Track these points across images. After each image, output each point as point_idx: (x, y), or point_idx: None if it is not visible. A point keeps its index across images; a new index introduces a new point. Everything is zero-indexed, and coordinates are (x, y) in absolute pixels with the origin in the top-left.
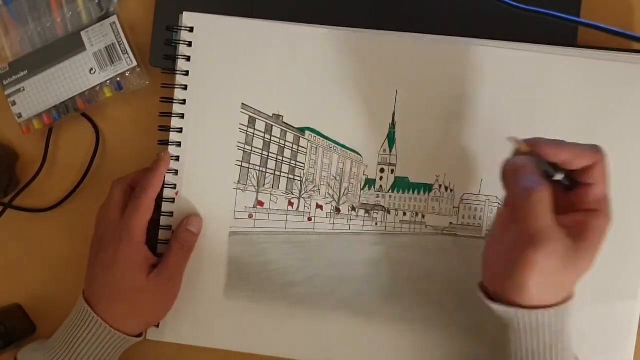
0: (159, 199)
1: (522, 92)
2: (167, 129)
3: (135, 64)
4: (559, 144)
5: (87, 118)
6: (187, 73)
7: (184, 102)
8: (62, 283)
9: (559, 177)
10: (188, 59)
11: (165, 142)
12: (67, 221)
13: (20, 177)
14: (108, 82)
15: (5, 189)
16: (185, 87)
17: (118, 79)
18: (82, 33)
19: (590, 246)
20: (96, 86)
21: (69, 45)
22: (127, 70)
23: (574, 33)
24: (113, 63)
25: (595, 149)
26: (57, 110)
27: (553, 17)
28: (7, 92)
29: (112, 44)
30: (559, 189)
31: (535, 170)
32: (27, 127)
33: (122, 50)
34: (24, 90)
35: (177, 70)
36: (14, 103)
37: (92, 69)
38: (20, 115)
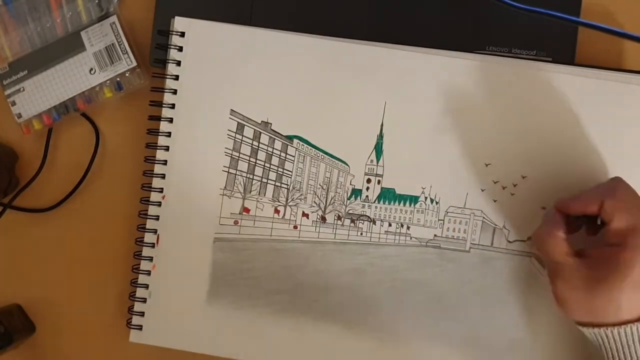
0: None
1: (512, 106)
2: (156, 132)
3: (135, 64)
4: (568, 203)
5: (86, 118)
6: (177, 77)
7: (173, 106)
8: (62, 283)
9: (598, 221)
10: (178, 63)
11: (154, 146)
12: (67, 221)
13: (20, 177)
14: (108, 82)
15: (5, 189)
16: (175, 92)
17: (118, 79)
18: (82, 33)
19: (613, 274)
20: (96, 86)
21: (69, 45)
22: (127, 71)
23: (572, 51)
24: (113, 63)
25: (599, 192)
26: (56, 111)
27: (553, 17)
28: (6, 92)
29: (112, 44)
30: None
31: (551, 217)
32: (26, 127)
33: (121, 51)
34: (23, 90)
35: (167, 75)
36: (13, 103)
37: (91, 69)
38: (20, 116)
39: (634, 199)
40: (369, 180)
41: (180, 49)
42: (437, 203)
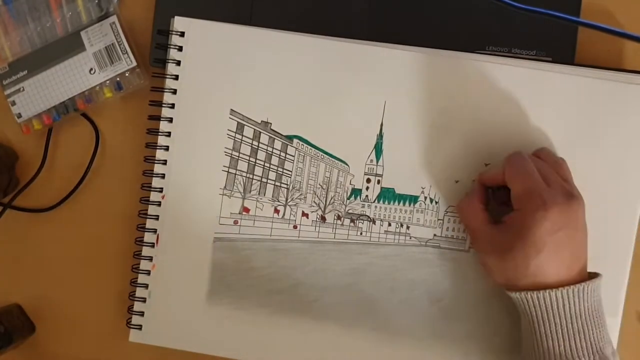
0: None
1: (512, 107)
2: (156, 132)
3: (134, 64)
4: (483, 173)
5: (86, 118)
6: (176, 77)
7: (172, 106)
8: (62, 283)
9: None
10: (178, 63)
11: (154, 145)
12: (67, 221)
13: (20, 177)
14: (108, 82)
15: (5, 189)
16: (174, 91)
17: (118, 79)
18: (82, 33)
19: (516, 238)
20: (96, 86)
21: (69, 45)
22: (127, 71)
23: (572, 51)
24: (113, 63)
25: (503, 162)
26: (56, 110)
27: (553, 17)
28: (6, 92)
29: (112, 44)
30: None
31: (472, 189)
32: (26, 127)
33: (121, 50)
34: (23, 90)
35: (166, 74)
36: (13, 103)
37: (91, 69)
38: (19, 115)
39: (527, 165)
40: (368, 180)
41: (180, 48)
42: (436, 203)
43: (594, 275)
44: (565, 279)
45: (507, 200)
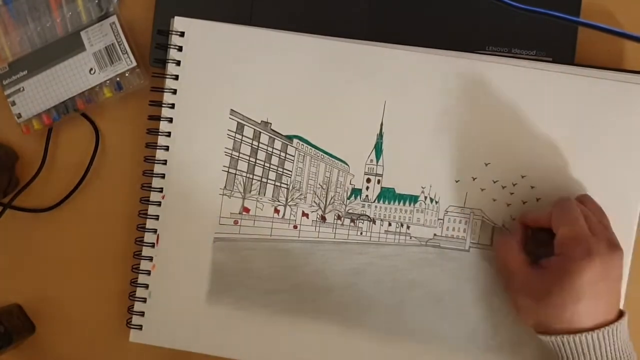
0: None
1: (512, 107)
2: (156, 132)
3: (134, 64)
4: (527, 212)
5: (86, 118)
6: (176, 77)
7: (172, 106)
8: (62, 283)
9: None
10: (178, 63)
11: (154, 145)
12: (67, 221)
13: (20, 177)
14: (108, 82)
15: (5, 189)
16: (174, 91)
17: (117, 79)
18: (82, 33)
19: (556, 284)
20: (96, 86)
21: (69, 45)
22: (127, 71)
23: (572, 51)
24: (112, 63)
25: (554, 203)
26: (56, 110)
27: (553, 17)
28: (6, 92)
29: (112, 44)
30: None
31: (510, 233)
32: (26, 127)
33: (121, 51)
34: (23, 90)
35: (166, 74)
36: (13, 103)
37: (91, 69)
38: (19, 116)
39: (575, 211)
40: (368, 180)
41: (180, 48)
42: (436, 202)
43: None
44: (600, 322)
45: (544, 243)
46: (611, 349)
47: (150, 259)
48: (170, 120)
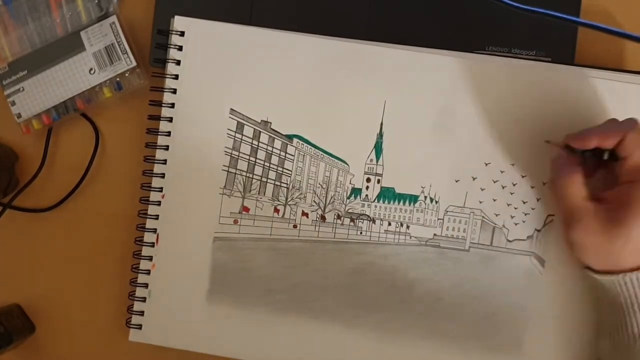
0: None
1: (512, 107)
2: (155, 131)
3: (134, 64)
4: (584, 133)
5: (86, 118)
6: (176, 77)
7: (172, 105)
8: (62, 283)
9: (604, 156)
10: (178, 63)
11: (154, 145)
12: (67, 221)
13: (20, 177)
14: (107, 82)
15: (5, 189)
16: (174, 91)
17: (117, 79)
18: (82, 33)
19: (631, 213)
20: (95, 86)
21: (69, 45)
22: (127, 71)
23: (572, 51)
24: (112, 63)
25: (621, 124)
26: (56, 110)
27: (553, 17)
28: (6, 92)
29: (112, 44)
30: (610, 167)
31: (565, 161)
32: (26, 127)
33: (121, 51)
34: (23, 90)
35: (166, 74)
36: (13, 103)
37: (91, 69)
38: (19, 115)
39: None
40: (368, 180)
41: (180, 48)
42: (436, 202)
43: None
44: None
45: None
46: None
47: (150, 258)
48: (170, 119)
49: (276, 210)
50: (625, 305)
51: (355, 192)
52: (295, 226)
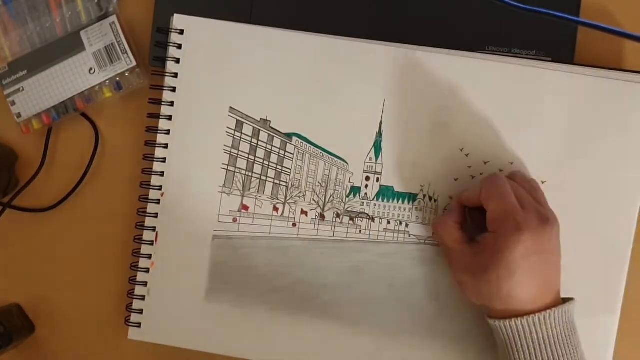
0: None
1: (511, 106)
2: (155, 130)
3: (134, 64)
4: (461, 194)
5: (86, 118)
6: (176, 75)
7: (172, 104)
8: (61, 283)
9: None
10: (177, 61)
11: (153, 143)
12: (67, 221)
13: (20, 177)
14: (107, 82)
15: (5, 189)
16: (174, 89)
17: (117, 79)
18: (82, 33)
19: (490, 260)
20: (95, 86)
21: (68, 45)
22: (127, 70)
23: (572, 51)
24: (112, 63)
25: (481, 184)
26: (56, 110)
27: (553, 17)
28: (6, 92)
29: (112, 44)
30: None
31: (451, 207)
32: (26, 127)
33: (121, 50)
34: (23, 90)
35: (166, 72)
36: (13, 103)
37: (91, 69)
38: (19, 115)
39: (503, 187)
40: (367, 178)
41: (180, 46)
42: (435, 201)
43: (567, 300)
44: (538, 306)
45: (481, 221)
46: (544, 335)
47: (149, 256)
48: (170, 118)
49: (275, 208)
50: (505, 349)
51: (355, 190)
52: (294, 224)
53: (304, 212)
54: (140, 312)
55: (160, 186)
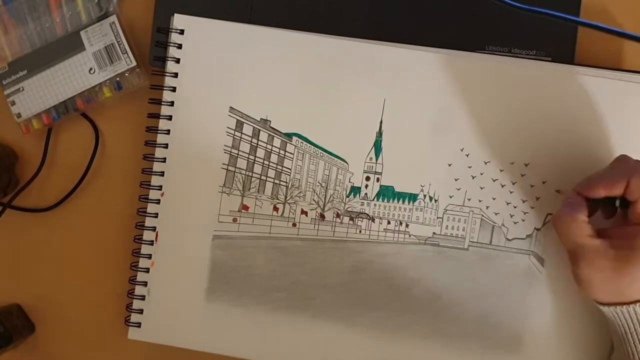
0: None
1: (511, 106)
2: (155, 130)
3: (134, 63)
4: (591, 183)
5: (86, 118)
6: (176, 75)
7: (172, 103)
8: (62, 283)
9: (616, 204)
10: (177, 61)
11: (153, 143)
12: (67, 221)
13: (20, 177)
14: (107, 82)
15: (5, 189)
16: (174, 89)
17: (117, 78)
18: (82, 33)
19: (635, 249)
20: (95, 86)
21: (69, 45)
22: (127, 70)
23: (572, 51)
24: (112, 63)
25: (624, 170)
26: (56, 110)
27: (553, 17)
28: (6, 92)
29: (112, 43)
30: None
31: (572, 200)
32: (26, 127)
33: (121, 50)
34: (23, 90)
35: (166, 72)
36: (13, 103)
37: (91, 69)
38: (19, 115)
39: None
40: (367, 178)
41: (180, 46)
42: (435, 201)
43: None
44: None
45: (607, 211)
46: None
47: (149, 256)
48: (170, 118)
49: (275, 208)
50: (625, 335)
51: (355, 190)
52: (294, 224)
53: (304, 212)
54: (140, 312)
55: (160, 186)
